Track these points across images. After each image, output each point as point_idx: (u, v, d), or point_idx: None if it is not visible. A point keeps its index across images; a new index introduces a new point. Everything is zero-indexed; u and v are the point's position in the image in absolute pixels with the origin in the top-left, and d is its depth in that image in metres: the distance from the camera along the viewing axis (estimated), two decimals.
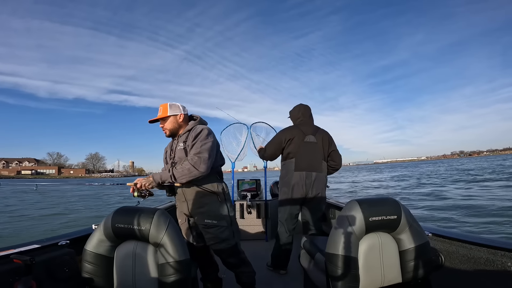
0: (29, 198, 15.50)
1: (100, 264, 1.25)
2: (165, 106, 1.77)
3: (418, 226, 1.28)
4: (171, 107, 1.76)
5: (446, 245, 1.36)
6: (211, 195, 1.72)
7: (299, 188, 2.28)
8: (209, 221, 1.69)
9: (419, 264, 1.23)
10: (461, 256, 1.29)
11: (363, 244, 1.24)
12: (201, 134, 1.68)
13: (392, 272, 1.25)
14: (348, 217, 1.22)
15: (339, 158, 2.46)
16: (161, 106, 1.78)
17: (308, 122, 2.44)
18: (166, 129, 1.78)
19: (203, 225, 1.70)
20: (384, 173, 38.47)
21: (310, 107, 2.51)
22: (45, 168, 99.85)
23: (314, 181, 2.30)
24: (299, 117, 2.46)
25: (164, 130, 1.80)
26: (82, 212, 10.67)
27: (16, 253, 1.18)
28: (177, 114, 1.77)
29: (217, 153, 1.78)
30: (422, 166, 58.94)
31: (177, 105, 1.79)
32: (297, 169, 2.30)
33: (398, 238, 1.27)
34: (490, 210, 7.40)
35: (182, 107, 1.80)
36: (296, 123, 2.47)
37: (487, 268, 1.18)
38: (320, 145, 2.36)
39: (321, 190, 2.33)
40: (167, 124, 1.77)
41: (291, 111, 2.55)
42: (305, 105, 2.52)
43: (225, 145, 3.45)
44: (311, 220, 2.33)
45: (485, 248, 1.22)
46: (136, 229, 1.21)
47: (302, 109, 2.48)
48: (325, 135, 2.42)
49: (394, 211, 1.23)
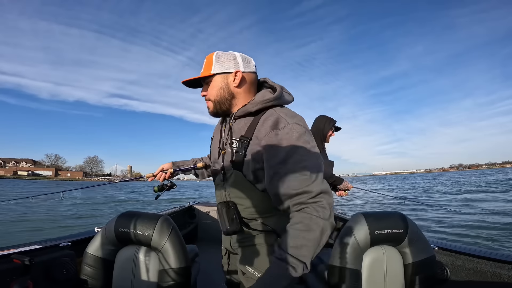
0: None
1: (100, 267, 1.24)
2: (210, 58, 0.96)
3: (424, 239, 1.28)
4: (218, 59, 0.94)
5: (452, 258, 1.35)
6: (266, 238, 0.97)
7: None
8: (250, 270, 0.97)
9: (424, 278, 1.22)
10: (467, 269, 1.28)
11: (367, 257, 1.23)
12: (298, 141, 0.82)
13: (396, 286, 1.23)
14: (353, 230, 1.22)
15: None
16: (206, 59, 0.98)
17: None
18: (210, 99, 0.98)
19: (242, 271, 1.00)
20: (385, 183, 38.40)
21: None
22: (42, 170, 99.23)
23: None
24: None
25: (206, 102, 1.01)
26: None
27: (17, 253, 1.18)
28: (229, 71, 0.94)
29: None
30: (426, 178, 59.12)
31: (232, 54, 0.96)
32: None
33: (403, 252, 1.26)
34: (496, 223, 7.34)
35: (241, 59, 0.95)
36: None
37: (494, 281, 1.17)
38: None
39: None
40: (211, 89, 0.97)
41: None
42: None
43: None
44: None
45: (492, 261, 1.21)
46: (138, 234, 1.21)
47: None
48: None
49: (401, 224, 1.23)
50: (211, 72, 0.94)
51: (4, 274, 1.10)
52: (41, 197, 2.98)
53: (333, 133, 2.48)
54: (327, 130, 2.40)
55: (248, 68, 0.96)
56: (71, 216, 10.22)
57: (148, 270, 1.23)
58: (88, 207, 13.55)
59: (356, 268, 1.18)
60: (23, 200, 2.26)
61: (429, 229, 6.50)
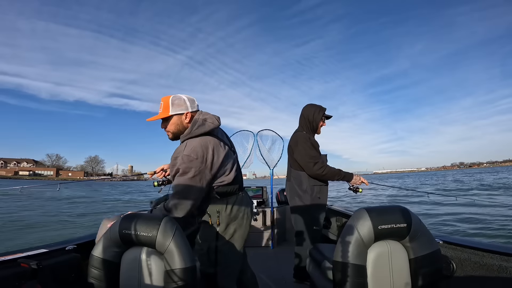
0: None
1: (106, 269, 1.24)
2: (167, 102, 1.37)
3: (429, 233, 1.28)
4: (173, 104, 1.37)
5: (457, 252, 1.35)
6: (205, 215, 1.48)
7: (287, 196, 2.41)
8: (198, 240, 1.52)
9: (429, 273, 1.22)
10: (473, 263, 1.28)
11: (371, 252, 1.23)
12: (176, 163, 1.33)
13: (402, 280, 1.24)
14: (356, 225, 1.21)
15: (302, 163, 2.22)
16: (162, 101, 1.39)
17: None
18: (169, 131, 1.42)
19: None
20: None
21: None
22: (43, 170, 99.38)
23: (288, 191, 2.35)
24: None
25: (167, 133, 1.44)
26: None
27: (24, 257, 1.19)
28: (182, 112, 1.38)
29: (219, 170, 1.40)
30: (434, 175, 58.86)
31: (183, 99, 1.38)
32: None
33: (408, 246, 1.26)
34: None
35: (189, 102, 1.39)
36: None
37: (500, 275, 1.17)
38: (290, 151, 2.35)
39: (291, 199, 2.32)
40: (170, 126, 1.40)
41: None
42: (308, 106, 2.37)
43: None
44: (294, 231, 2.31)
45: (498, 255, 1.21)
46: (143, 235, 1.21)
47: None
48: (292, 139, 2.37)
49: (404, 219, 1.23)
50: (169, 113, 1.37)
51: (13, 279, 1.10)
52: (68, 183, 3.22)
53: (324, 123, 2.32)
54: (317, 121, 2.25)
55: (193, 108, 1.40)
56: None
57: (154, 272, 1.23)
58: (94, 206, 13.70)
59: (361, 264, 1.19)
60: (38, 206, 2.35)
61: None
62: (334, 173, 2.18)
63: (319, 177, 2.19)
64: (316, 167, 2.14)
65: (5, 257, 1.16)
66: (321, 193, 2.24)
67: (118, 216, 1.50)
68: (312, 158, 2.16)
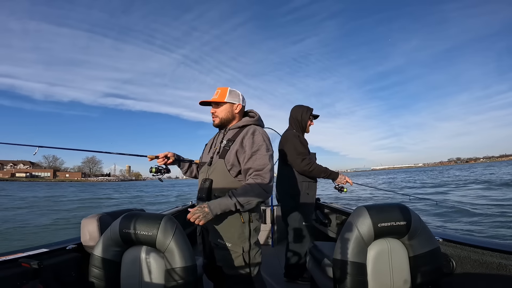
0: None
1: (107, 268, 1.24)
2: (224, 91, 1.51)
3: (428, 231, 1.29)
4: (230, 93, 1.51)
5: (457, 250, 1.36)
6: (232, 212, 1.36)
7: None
8: (222, 242, 1.37)
9: (430, 270, 1.23)
10: (473, 261, 1.28)
11: (371, 250, 1.24)
12: (264, 144, 1.40)
13: (402, 278, 1.25)
14: (356, 223, 1.22)
15: (290, 158, 2.28)
16: (219, 89, 1.52)
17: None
18: (218, 116, 1.52)
19: (214, 244, 1.41)
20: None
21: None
22: (40, 171, 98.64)
23: (277, 187, 2.41)
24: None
25: (213, 117, 1.54)
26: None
27: (25, 257, 1.18)
28: (235, 103, 1.52)
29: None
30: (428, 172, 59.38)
31: (238, 93, 1.54)
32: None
33: (408, 244, 1.27)
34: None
35: (242, 97, 1.56)
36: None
37: (500, 273, 1.17)
38: (280, 148, 2.40)
39: (280, 196, 2.39)
40: (220, 111, 1.51)
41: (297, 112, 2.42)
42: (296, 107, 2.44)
43: None
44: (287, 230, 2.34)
45: (497, 253, 1.22)
46: (143, 234, 1.22)
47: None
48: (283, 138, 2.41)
49: (404, 217, 1.24)
50: (224, 100, 1.49)
51: (15, 279, 1.10)
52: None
53: (312, 122, 2.44)
54: (306, 121, 2.37)
55: (244, 103, 1.57)
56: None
57: (154, 270, 1.23)
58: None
59: (361, 262, 1.20)
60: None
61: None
62: (320, 170, 2.25)
63: (306, 173, 2.26)
64: (304, 163, 2.21)
65: (5, 257, 1.16)
66: (310, 189, 2.30)
67: (96, 215, 1.52)
68: (300, 154, 2.23)
